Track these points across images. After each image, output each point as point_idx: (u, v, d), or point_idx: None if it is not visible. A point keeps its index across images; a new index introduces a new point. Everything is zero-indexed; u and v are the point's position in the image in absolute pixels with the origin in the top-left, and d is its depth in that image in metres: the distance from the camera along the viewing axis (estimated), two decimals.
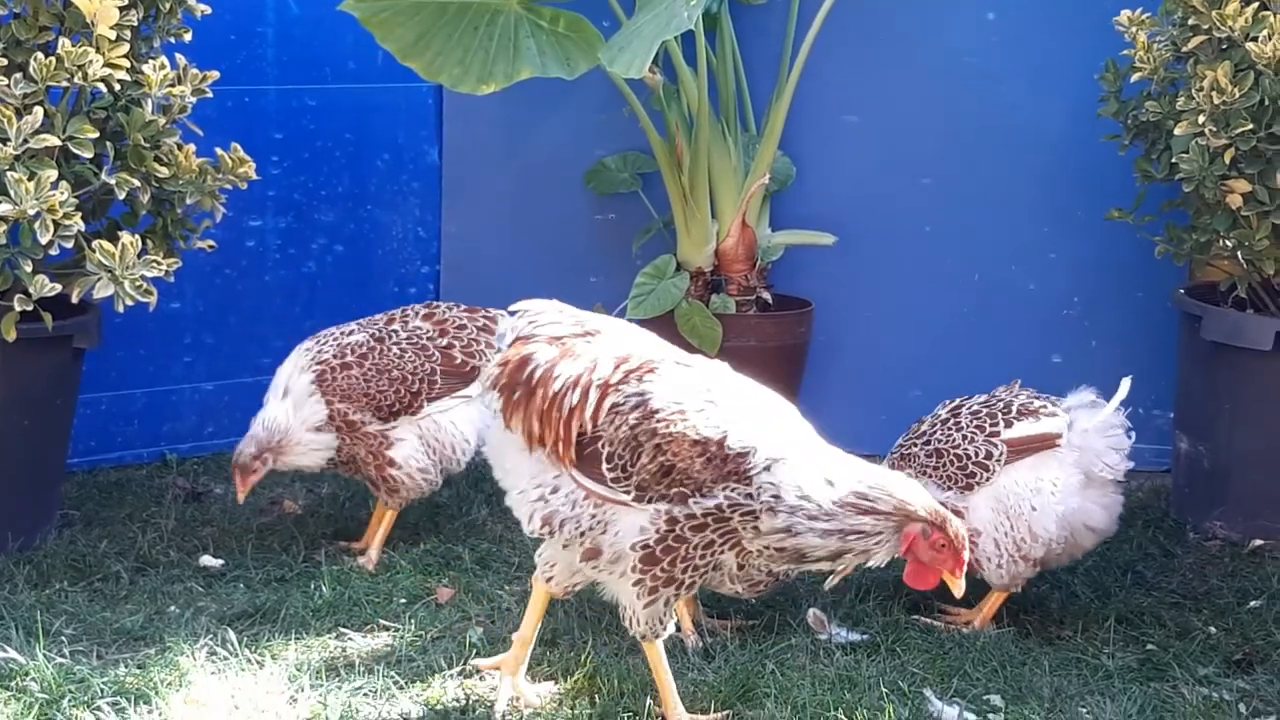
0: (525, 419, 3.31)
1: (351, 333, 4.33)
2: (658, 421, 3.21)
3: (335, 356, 4.25)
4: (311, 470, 4.36)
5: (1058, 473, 3.87)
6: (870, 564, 3.23)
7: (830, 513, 3.17)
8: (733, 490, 3.18)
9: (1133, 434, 3.97)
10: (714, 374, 3.35)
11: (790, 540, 3.19)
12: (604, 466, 3.24)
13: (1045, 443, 3.87)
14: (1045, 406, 3.93)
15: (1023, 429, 3.89)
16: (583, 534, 3.30)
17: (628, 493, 3.24)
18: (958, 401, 4.02)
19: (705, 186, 4.99)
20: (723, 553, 3.26)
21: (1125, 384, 3.92)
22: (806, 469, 3.19)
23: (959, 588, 3.24)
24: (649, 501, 3.23)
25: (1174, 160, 4.41)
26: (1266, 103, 4.24)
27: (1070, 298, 5.19)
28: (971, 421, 3.91)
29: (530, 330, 3.40)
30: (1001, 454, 3.85)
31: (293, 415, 4.23)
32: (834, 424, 4.23)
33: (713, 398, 3.25)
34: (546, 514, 3.32)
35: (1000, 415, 3.91)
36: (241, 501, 4.28)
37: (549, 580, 3.47)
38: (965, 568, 3.23)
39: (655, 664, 3.41)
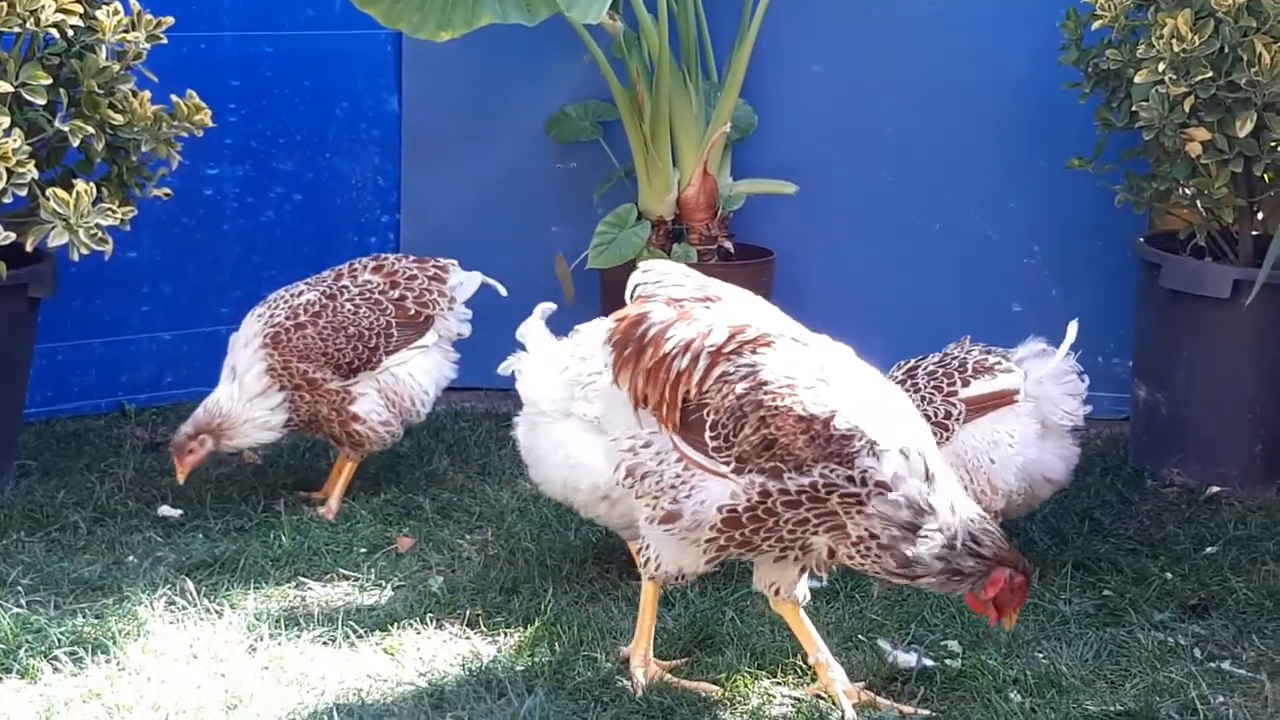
0: (632, 376, 3.26)
1: (301, 293, 4.29)
2: (765, 394, 3.15)
3: (288, 318, 4.22)
4: (270, 440, 4.30)
5: (1014, 424, 3.89)
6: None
7: (950, 543, 3.16)
8: (832, 471, 3.13)
9: (1086, 378, 3.99)
10: (832, 354, 3.29)
11: (893, 534, 3.14)
12: (707, 434, 3.19)
13: (1004, 400, 3.89)
14: (1000, 363, 3.94)
15: (980, 387, 3.90)
16: (661, 492, 3.24)
17: (727, 463, 3.17)
18: (912, 363, 4.02)
19: (666, 135, 4.97)
20: (816, 533, 3.19)
21: (1073, 328, 3.94)
22: (949, 485, 3.20)
23: (1011, 625, 3.27)
24: (745, 473, 3.17)
25: (1134, 108, 4.41)
26: (1226, 50, 4.24)
27: (1030, 246, 5.20)
28: (929, 382, 3.91)
29: (653, 290, 3.36)
30: (960, 413, 3.86)
31: (238, 397, 4.19)
32: None
33: (826, 377, 3.19)
34: (631, 465, 3.28)
35: (957, 374, 3.92)
36: (181, 482, 4.20)
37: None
38: None
39: (646, 604, 3.39)
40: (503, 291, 4.46)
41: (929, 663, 3.45)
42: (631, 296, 3.39)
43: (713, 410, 3.19)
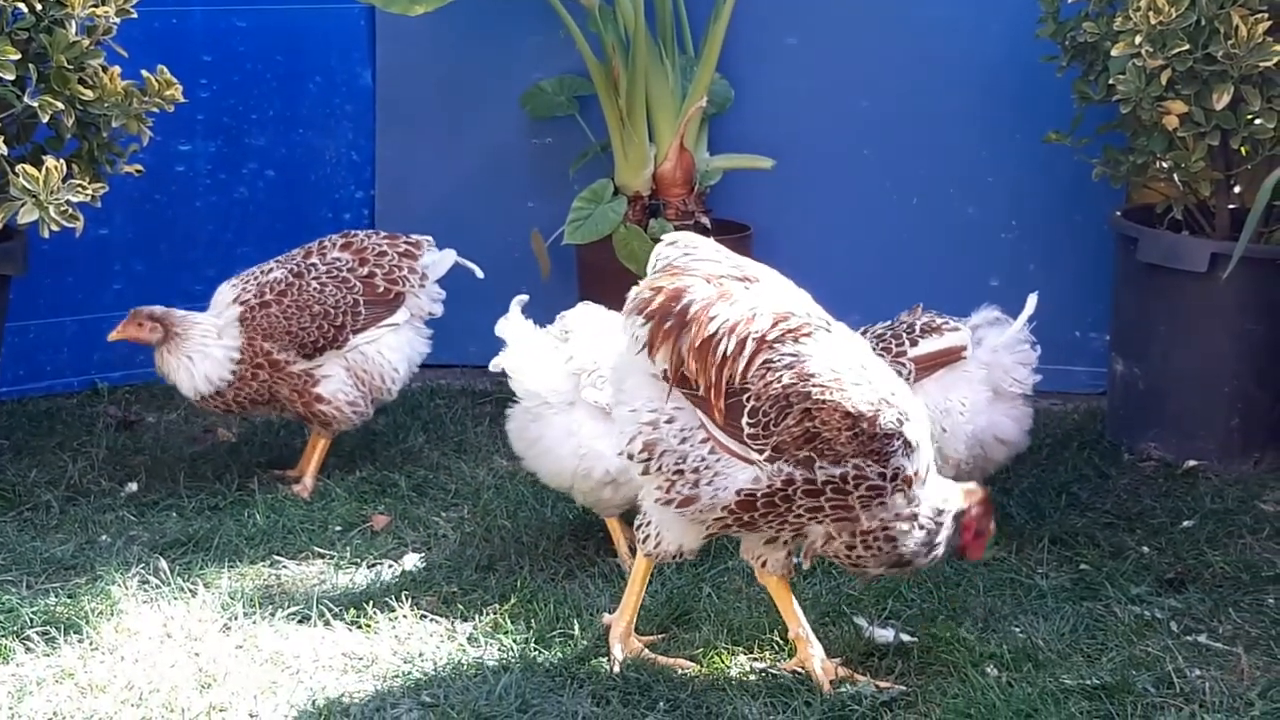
0: (674, 352, 3.15)
1: (270, 270, 4.26)
2: (813, 386, 3.11)
3: (255, 296, 4.19)
4: (192, 389, 4.17)
5: (966, 391, 3.90)
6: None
7: (940, 523, 3.21)
8: (866, 466, 3.12)
9: (1039, 348, 4.00)
10: (860, 346, 3.27)
11: (901, 528, 3.17)
12: (745, 420, 3.12)
13: (951, 356, 3.91)
14: (947, 323, 3.97)
15: (928, 345, 3.91)
16: (679, 474, 3.18)
17: (761, 450, 3.13)
18: (862, 329, 4.01)
19: (642, 110, 4.94)
20: (822, 522, 3.18)
21: (1031, 300, 3.95)
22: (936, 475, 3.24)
23: (992, 532, 3.33)
24: (775, 461, 3.14)
25: (1111, 81, 4.39)
26: (1203, 23, 4.23)
27: (1008, 221, 5.19)
28: (877, 345, 3.90)
29: (685, 262, 3.23)
30: (910, 372, 3.86)
31: (210, 331, 4.16)
32: None
33: (867, 373, 3.17)
34: (650, 440, 3.19)
35: (905, 335, 3.93)
36: (109, 339, 4.17)
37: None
38: None
39: (637, 578, 3.36)
40: (479, 274, 4.44)
41: (906, 638, 3.45)
42: (655, 268, 3.26)
43: (754, 397, 3.12)
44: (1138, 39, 4.26)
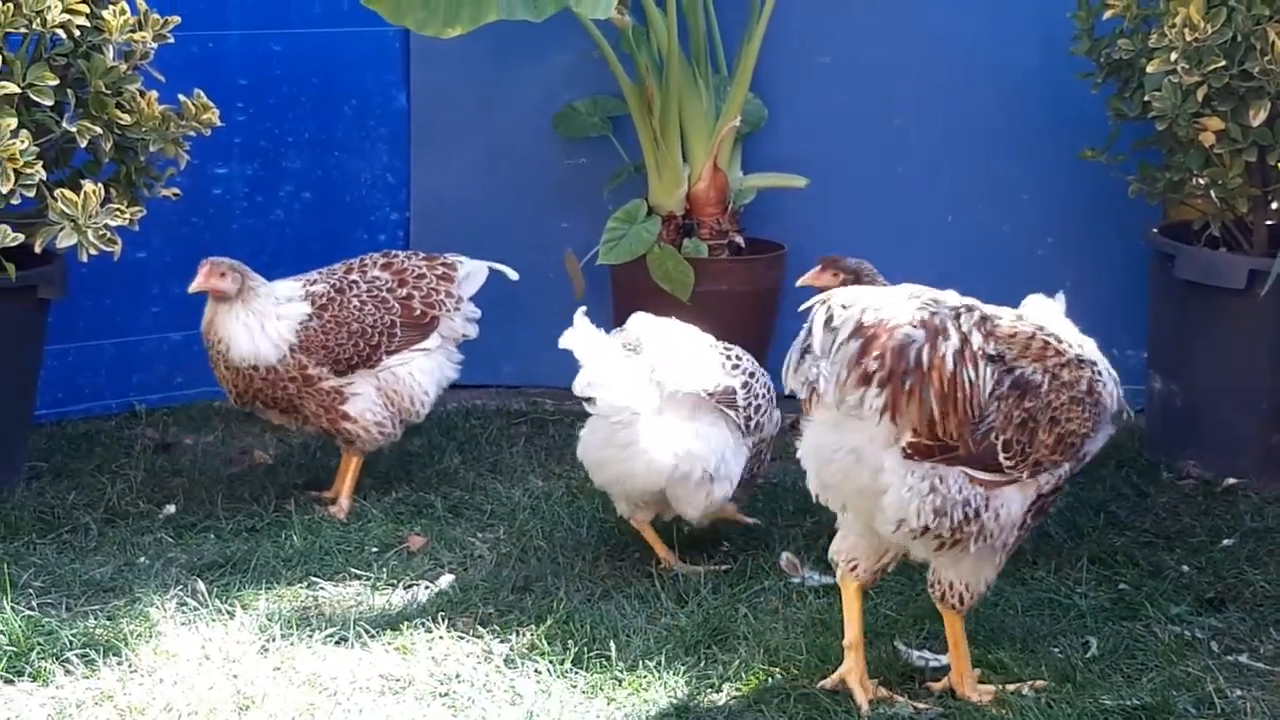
0: (921, 408, 3.02)
1: (314, 282, 4.27)
2: (1052, 398, 3.16)
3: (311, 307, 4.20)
4: (253, 354, 4.13)
5: None
6: None
7: None
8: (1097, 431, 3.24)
9: None
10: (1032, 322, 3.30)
11: None
12: (1001, 458, 3.11)
13: None
14: None
15: None
16: (968, 519, 3.13)
17: (1025, 472, 3.15)
18: None
19: (676, 129, 4.95)
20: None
21: (1060, 299, 3.89)
22: None
23: None
24: (1040, 474, 3.19)
25: (1147, 98, 4.38)
26: (1239, 39, 4.21)
27: (1043, 238, 5.18)
28: None
29: (878, 317, 3.03)
30: None
31: (284, 294, 4.18)
32: None
33: (1069, 348, 3.24)
34: (938, 505, 3.10)
35: None
36: (190, 290, 4.13)
37: (854, 570, 3.32)
38: None
39: (959, 638, 3.31)
40: (513, 275, 4.45)
41: (944, 659, 3.43)
42: (841, 338, 3.03)
43: (998, 431, 3.11)
44: (1173, 55, 4.25)
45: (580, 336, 3.77)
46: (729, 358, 3.88)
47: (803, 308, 3.16)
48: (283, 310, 4.17)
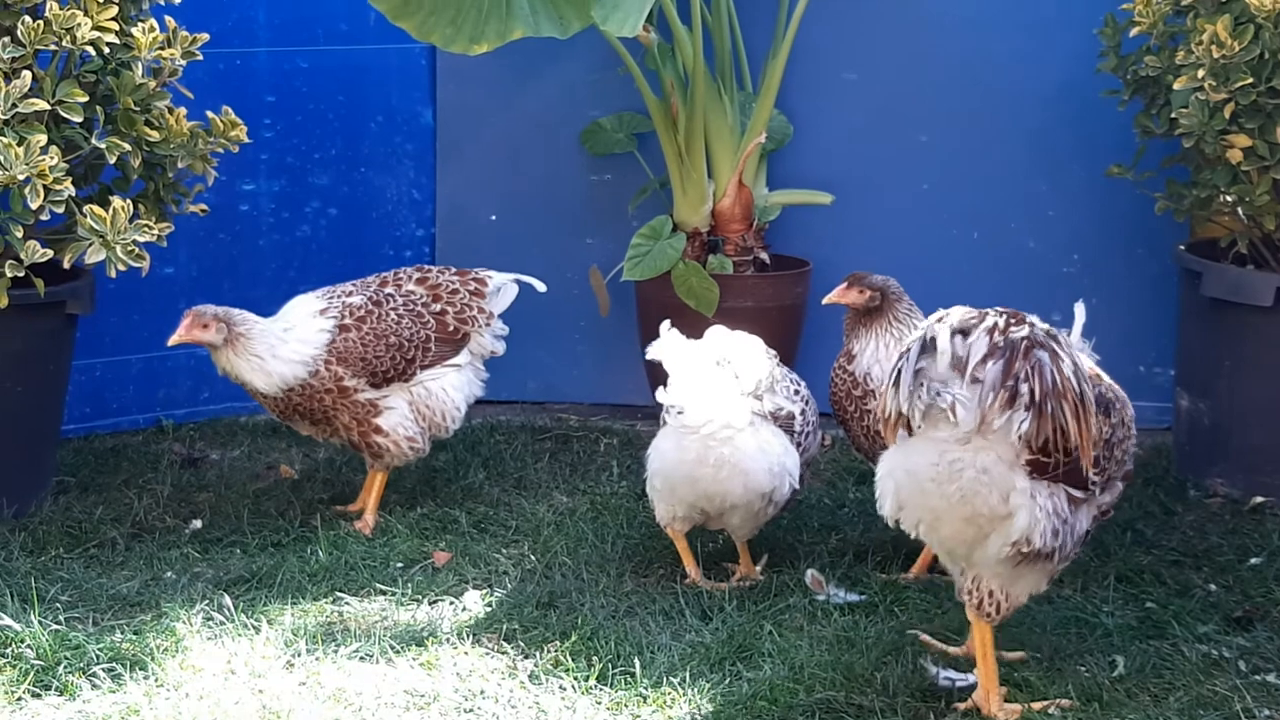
0: (1054, 426, 3.04)
1: (351, 293, 4.27)
2: (1121, 417, 3.26)
3: (337, 317, 4.20)
4: (259, 391, 4.12)
5: None
6: None
7: None
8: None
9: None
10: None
11: None
12: (1090, 475, 3.16)
13: None
14: None
15: None
16: (1057, 532, 3.16)
17: (1099, 488, 3.22)
18: None
19: (701, 146, 4.96)
20: None
21: (1080, 310, 3.86)
22: None
23: None
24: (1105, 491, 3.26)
25: (1174, 115, 4.37)
26: (1266, 56, 4.20)
27: (1070, 255, 5.16)
28: None
29: (1007, 339, 3.05)
30: None
31: (278, 327, 4.13)
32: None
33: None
34: (1056, 526, 3.14)
35: None
36: (169, 344, 4.10)
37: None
38: None
39: (987, 650, 3.30)
40: (540, 287, 4.46)
41: (971, 678, 3.41)
42: (975, 363, 3.04)
43: (1095, 444, 3.16)
44: (1200, 73, 4.24)
45: (671, 348, 3.76)
46: (792, 380, 3.93)
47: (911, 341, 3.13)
48: (299, 330, 4.15)
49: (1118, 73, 4.66)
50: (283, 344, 4.12)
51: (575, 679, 3.42)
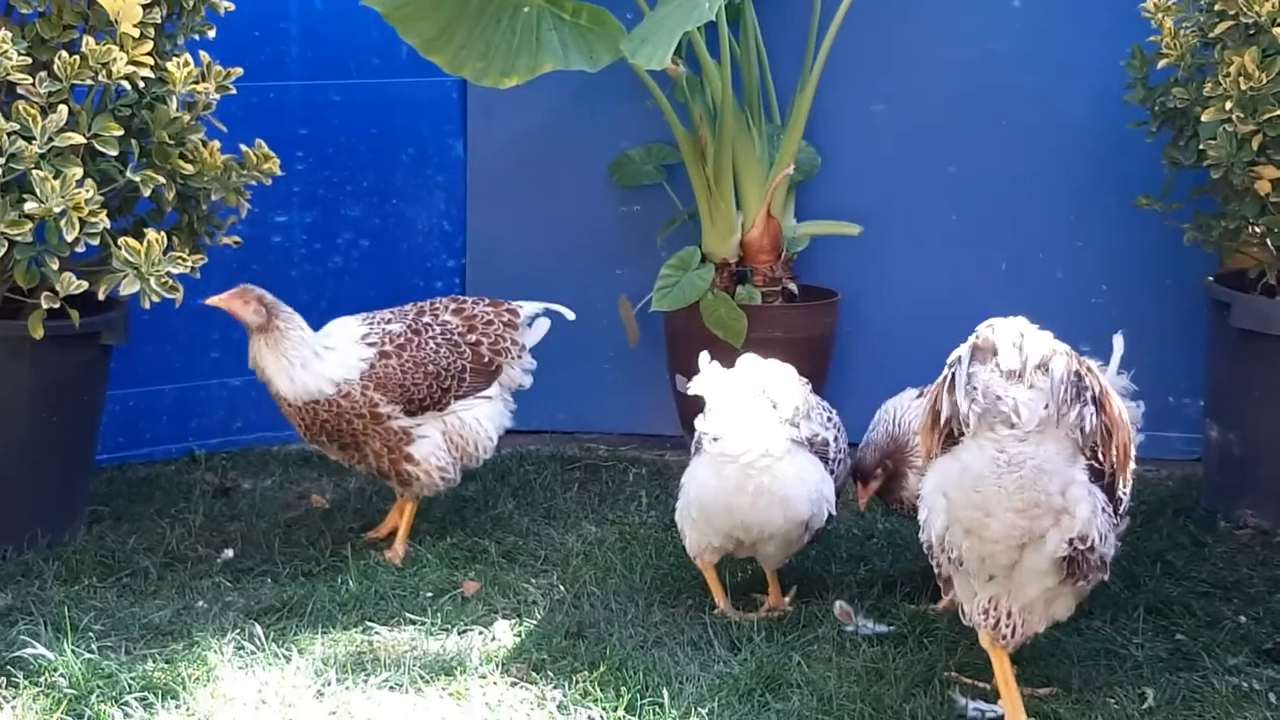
0: (1118, 440, 3.19)
1: (390, 321, 4.30)
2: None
3: (378, 344, 4.22)
4: (290, 393, 4.13)
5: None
6: None
7: None
8: None
9: (1141, 404, 3.91)
10: None
11: None
12: (1121, 491, 3.26)
13: None
14: None
15: None
16: (1093, 548, 3.23)
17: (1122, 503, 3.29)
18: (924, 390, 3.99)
19: (730, 177, 4.98)
20: None
21: (1119, 341, 3.87)
22: None
23: None
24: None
25: (1202, 147, 4.37)
26: None
27: (1098, 286, 5.16)
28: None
29: (1061, 346, 3.18)
30: None
31: (320, 344, 4.14)
32: (861, 415, 4.24)
33: None
34: (1098, 533, 3.21)
35: None
36: (206, 302, 4.10)
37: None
38: None
39: (1008, 677, 3.34)
40: (569, 315, 4.48)
41: (1000, 709, 3.41)
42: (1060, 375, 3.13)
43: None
44: (1228, 104, 4.25)
45: (711, 380, 3.78)
46: (824, 408, 3.95)
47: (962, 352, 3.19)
48: (339, 353, 4.17)
49: (1145, 104, 4.67)
50: (317, 359, 4.14)
51: (604, 709, 3.43)
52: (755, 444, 3.69)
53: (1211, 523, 4.55)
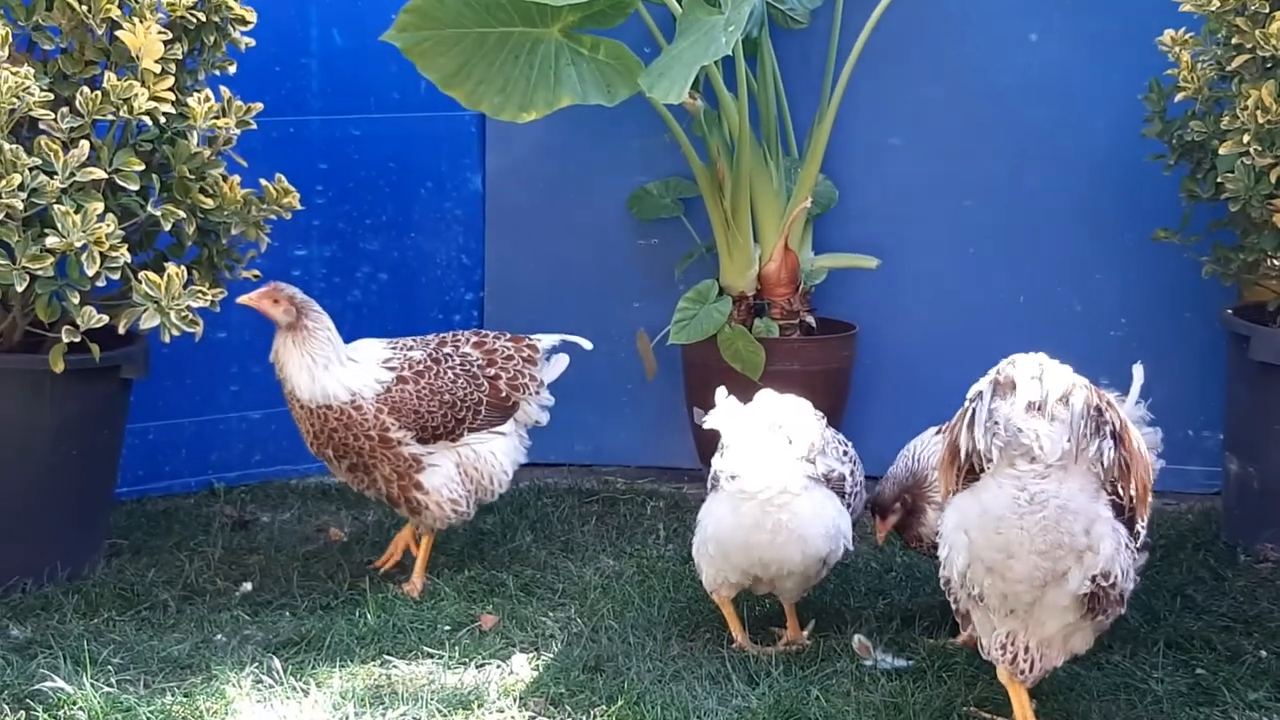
0: (1137, 471, 3.21)
1: (412, 348, 4.31)
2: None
3: (398, 368, 4.23)
4: (309, 394, 4.15)
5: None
6: None
7: None
8: None
9: (1160, 432, 3.90)
10: None
11: None
12: (1139, 526, 3.26)
13: None
14: None
15: None
16: (1115, 583, 3.24)
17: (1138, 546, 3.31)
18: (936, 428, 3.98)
19: (747, 210, 4.99)
20: None
21: (1139, 371, 3.87)
22: None
23: None
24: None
25: (1219, 180, 4.38)
26: None
27: (1117, 318, 5.16)
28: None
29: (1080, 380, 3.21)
30: None
31: (338, 347, 4.16)
32: (879, 448, 4.24)
33: None
34: (1125, 563, 3.23)
35: None
36: (239, 301, 4.13)
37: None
38: None
39: (1027, 712, 3.37)
40: (587, 346, 4.48)
41: None
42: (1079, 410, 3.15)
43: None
44: (1246, 138, 4.25)
45: (727, 416, 3.78)
46: (840, 442, 3.94)
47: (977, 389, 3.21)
48: (361, 367, 4.18)
49: (1163, 137, 4.68)
50: (340, 366, 4.16)
51: None
52: (773, 481, 3.69)
53: (1232, 556, 4.54)
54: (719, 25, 4.52)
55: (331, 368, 4.15)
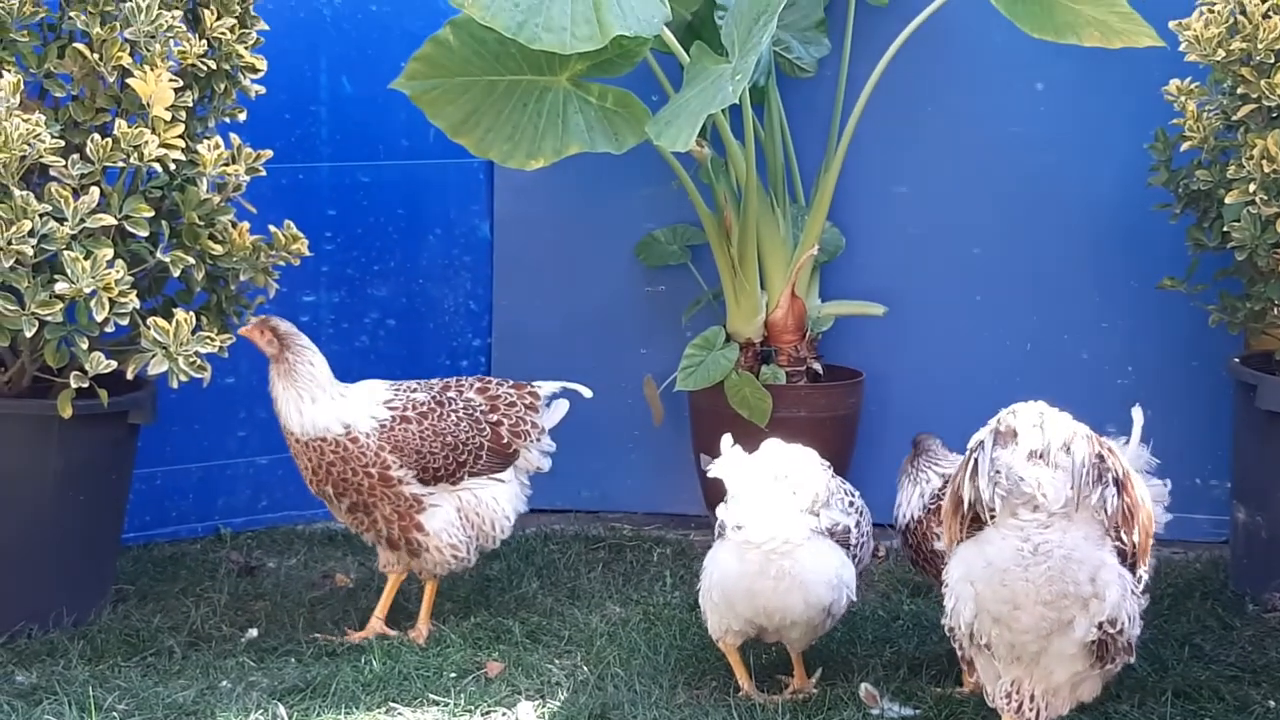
0: (1138, 520, 3.25)
1: (415, 390, 4.32)
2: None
3: (399, 408, 4.24)
4: (287, 428, 4.17)
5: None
6: None
7: None
8: None
9: (1169, 482, 3.90)
10: None
11: None
12: (1142, 572, 3.30)
13: None
14: None
15: None
16: (1123, 631, 3.27)
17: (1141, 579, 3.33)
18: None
19: (754, 258, 5.01)
20: None
21: (1138, 414, 3.87)
22: None
23: None
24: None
25: (1226, 229, 4.38)
26: None
27: (1124, 367, 5.16)
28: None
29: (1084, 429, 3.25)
30: None
31: (325, 382, 4.16)
32: (886, 495, 4.24)
33: None
34: (1131, 609, 3.27)
35: None
36: (238, 332, 4.18)
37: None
38: None
39: None
40: (587, 394, 4.48)
41: None
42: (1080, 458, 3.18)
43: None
44: (1252, 187, 4.26)
45: (731, 465, 3.79)
46: (846, 492, 3.94)
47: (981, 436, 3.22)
48: (353, 401, 4.18)
49: (1169, 186, 4.69)
50: (329, 399, 4.16)
51: None
52: (777, 532, 3.69)
53: (1239, 606, 4.52)
54: (726, 74, 4.55)
55: (320, 400, 4.16)
